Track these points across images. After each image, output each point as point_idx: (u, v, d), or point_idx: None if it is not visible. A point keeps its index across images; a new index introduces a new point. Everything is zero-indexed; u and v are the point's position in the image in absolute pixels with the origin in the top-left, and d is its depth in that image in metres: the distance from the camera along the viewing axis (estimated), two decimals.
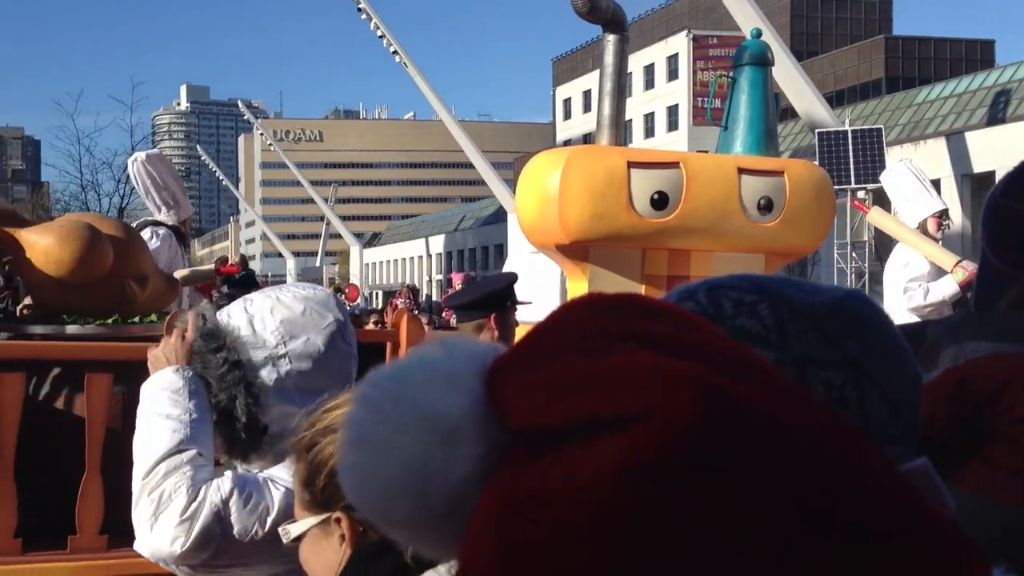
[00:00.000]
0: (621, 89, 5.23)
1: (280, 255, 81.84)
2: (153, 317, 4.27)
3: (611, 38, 5.21)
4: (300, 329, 1.92)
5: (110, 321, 4.09)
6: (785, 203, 4.99)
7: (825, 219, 5.24)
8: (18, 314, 4.49)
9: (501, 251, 52.43)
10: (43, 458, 3.90)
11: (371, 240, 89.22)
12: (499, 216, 54.10)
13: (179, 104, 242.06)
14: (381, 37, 39.48)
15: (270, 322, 1.89)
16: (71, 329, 4.04)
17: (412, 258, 77.17)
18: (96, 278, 4.08)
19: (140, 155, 6.30)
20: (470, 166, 44.94)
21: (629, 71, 5.42)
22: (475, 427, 0.66)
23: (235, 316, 1.92)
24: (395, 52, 39.50)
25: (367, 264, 78.20)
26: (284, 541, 1.54)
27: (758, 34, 5.82)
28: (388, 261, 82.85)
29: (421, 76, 40.22)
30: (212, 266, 6.56)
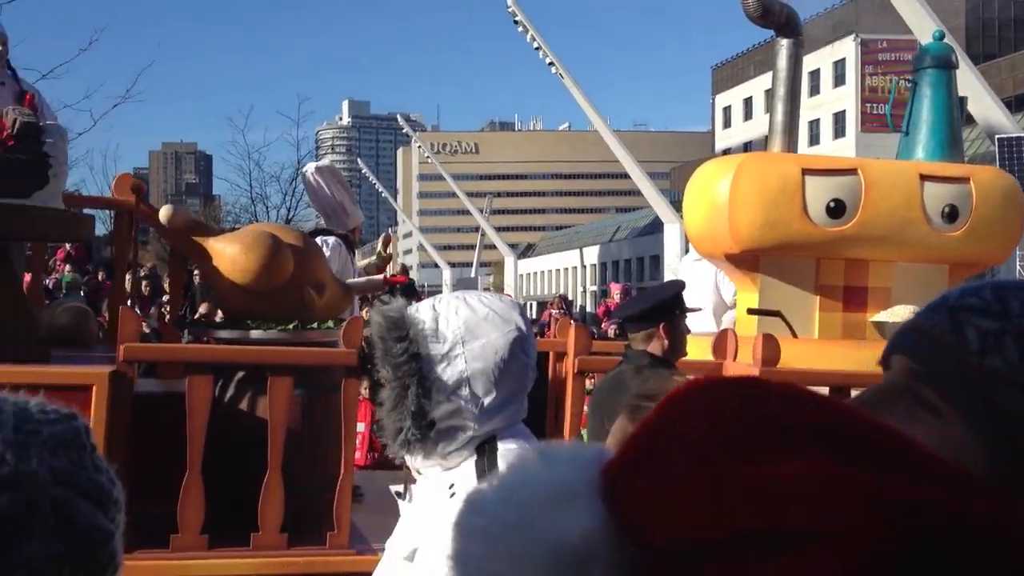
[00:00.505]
0: (795, 94, 5.08)
1: (436, 265, 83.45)
2: (330, 324, 4.40)
3: (784, 42, 5.06)
4: (481, 332, 1.94)
5: (291, 327, 4.24)
6: (971, 211, 4.74)
7: (1014, 228, 4.95)
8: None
9: (657, 262, 51.88)
10: (227, 457, 4.08)
11: (525, 251, 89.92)
12: (655, 227, 53.59)
13: (341, 119, 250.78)
14: (537, 49, 39.79)
15: (453, 321, 1.92)
16: (255, 334, 4.20)
17: (566, 269, 77.32)
18: (278, 285, 4.24)
19: (311, 166, 6.52)
20: (625, 176, 44.69)
21: None
22: (603, 551, 0.59)
23: (422, 310, 1.96)
24: (551, 64, 39.74)
25: (521, 275, 78.82)
26: None
27: (941, 36, 5.56)
28: (542, 272, 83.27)
29: (577, 87, 40.32)
30: (381, 276, 6.73)
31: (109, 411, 3.77)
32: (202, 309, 10.53)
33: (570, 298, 25.61)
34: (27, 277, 5.41)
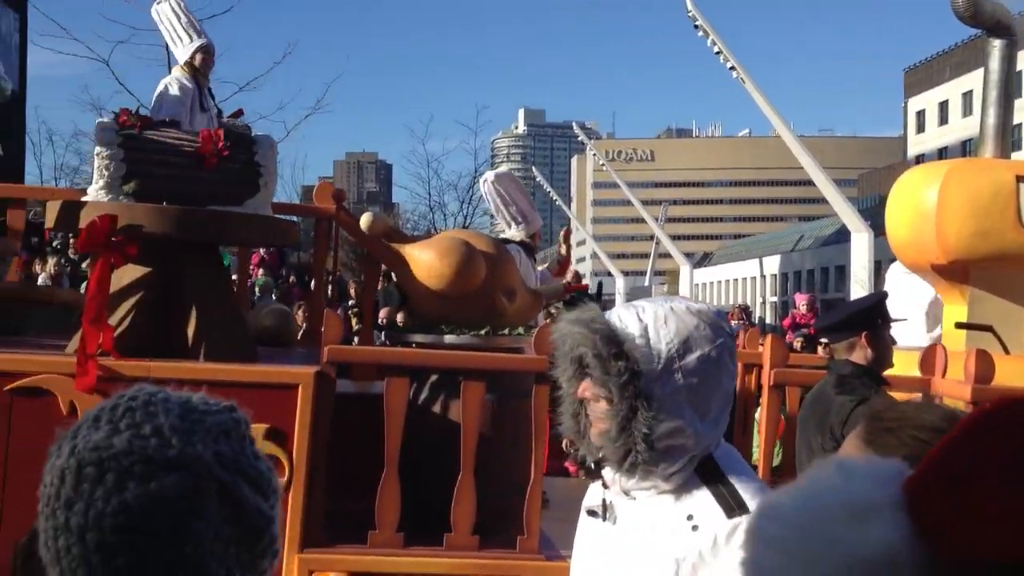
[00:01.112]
0: (1008, 97, 4.78)
1: (609, 274, 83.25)
2: (520, 330, 4.45)
3: (996, 43, 4.78)
4: (695, 343, 1.84)
5: (483, 332, 4.31)
6: None
7: None
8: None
9: (842, 273, 49.99)
10: (419, 458, 4.19)
11: (701, 260, 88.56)
12: (841, 236, 51.67)
13: (517, 127, 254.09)
14: (718, 53, 39.17)
15: (664, 333, 1.82)
16: (448, 338, 4.30)
17: (744, 279, 75.65)
18: (471, 291, 4.33)
19: (490, 174, 6.62)
20: (809, 183, 43.30)
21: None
22: (906, 563, 0.60)
23: (628, 323, 1.86)
24: (732, 68, 39.03)
25: (697, 284, 77.63)
26: None
27: None
28: (719, 282, 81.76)
29: (759, 91, 39.42)
30: (562, 283, 6.76)
31: (314, 409, 3.95)
32: (382, 314, 10.89)
33: (748, 307, 24.97)
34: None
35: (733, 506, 1.78)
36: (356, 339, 5.91)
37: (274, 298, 10.78)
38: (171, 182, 4.34)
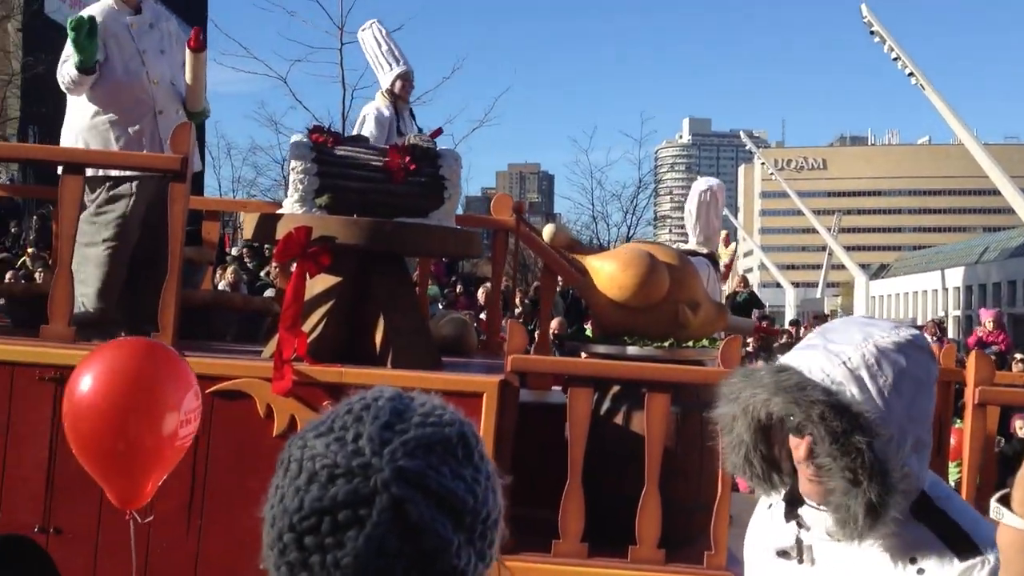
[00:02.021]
0: None
1: (778, 285, 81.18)
2: (704, 342, 4.37)
3: None
4: (912, 381, 1.63)
5: (666, 344, 4.26)
6: None
7: None
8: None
9: None
10: (601, 468, 4.17)
11: (878, 272, 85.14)
12: None
13: (681, 137, 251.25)
14: (895, 59, 37.70)
15: (883, 382, 1.62)
16: (631, 350, 4.26)
17: (925, 291, 72.26)
18: (654, 303, 4.28)
19: (704, 182, 6.52)
20: (994, 193, 41.10)
21: None
22: None
23: (842, 379, 1.67)
24: (911, 74, 37.49)
25: (873, 297, 74.68)
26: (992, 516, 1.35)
27: None
28: (898, 294, 78.34)
29: (940, 97, 37.69)
30: (753, 321, 6.53)
31: (498, 418, 3.99)
32: (553, 325, 10.93)
33: (943, 322, 23.80)
34: None
35: (963, 546, 1.63)
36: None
37: (441, 307, 11.01)
38: (361, 195, 4.48)
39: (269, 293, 11.17)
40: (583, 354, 4.77)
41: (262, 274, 13.91)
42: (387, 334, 4.41)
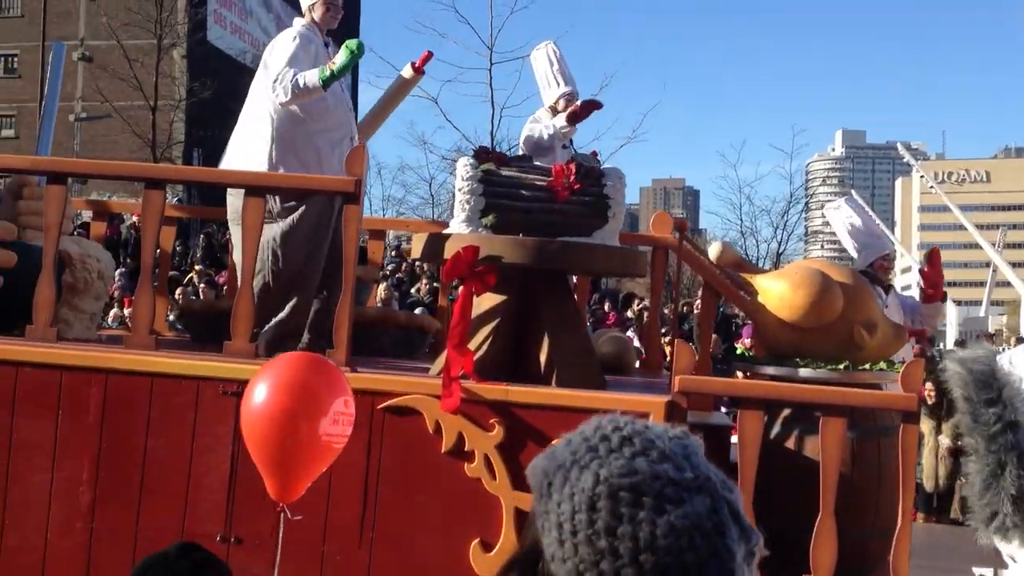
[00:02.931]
0: None
1: None
2: (882, 365, 4.21)
3: None
4: None
5: (841, 366, 4.12)
6: None
7: None
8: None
9: None
10: (771, 492, 4.05)
11: None
12: None
13: (833, 150, 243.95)
14: None
15: None
16: (804, 372, 4.14)
17: None
18: (827, 323, 4.15)
19: (841, 201, 6.33)
20: None
21: None
22: None
23: (1018, 366, 1.64)
24: None
25: None
26: None
27: None
28: None
29: None
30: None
31: None
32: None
33: None
34: None
35: None
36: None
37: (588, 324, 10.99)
38: (526, 215, 4.52)
39: (418, 310, 11.42)
40: (739, 373, 4.67)
41: (412, 291, 14.23)
42: (552, 353, 4.42)
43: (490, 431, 4.06)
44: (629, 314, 14.33)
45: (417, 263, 15.94)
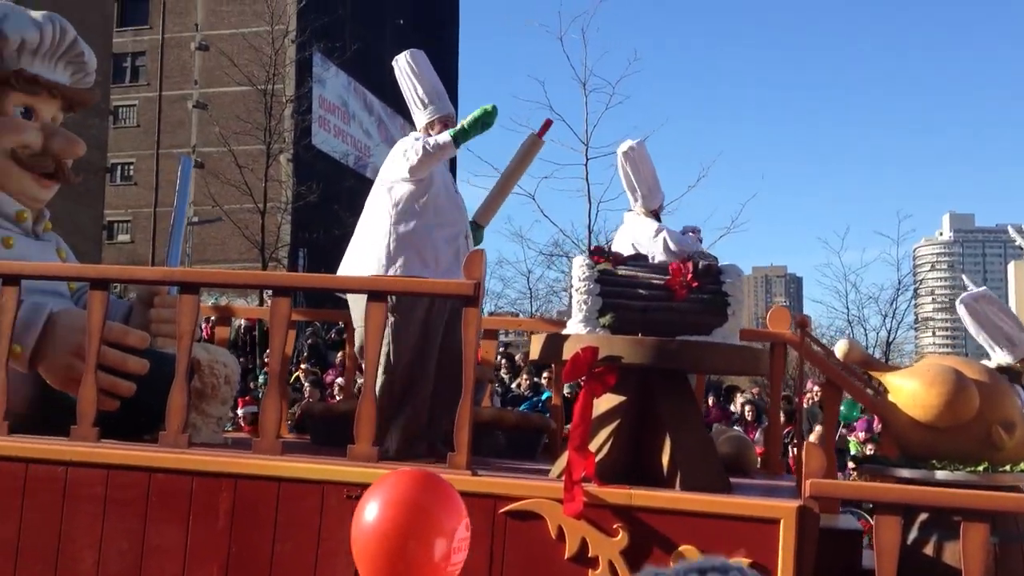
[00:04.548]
0: None
1: None
2: (1022, 466, 4.02)
3: None
4: None
5: (980, 468, 3.95)
6: None
7: None
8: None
9: None
10: None
11: None
12: None
13: (941, 234, 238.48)
14: None
15: None
16: (940, 475, 3.98)
17: None
18: (963, 423, 4.00)
19: (970, 295, 6.16)
20: None
21: None
22: None
23: None
24: None
25: None
26: None
27: None
28: None
29: None
30: None
31: (797, 545, 3.80)
32: (812, 438, 10.43)
33: None
34: None
35: None
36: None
37: None
38: (643, 313, 4.50)
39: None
40: (852, 475, 4.51)
41: (513, 386, 14.22)
42: (674, 454, 4.34)
43: (614, 536, 3.98)
44: (732, 408, 14.05)
45: (519, 359, 15.97)
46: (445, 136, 4.86)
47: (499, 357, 16.67)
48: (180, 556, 4.16)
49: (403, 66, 5.20)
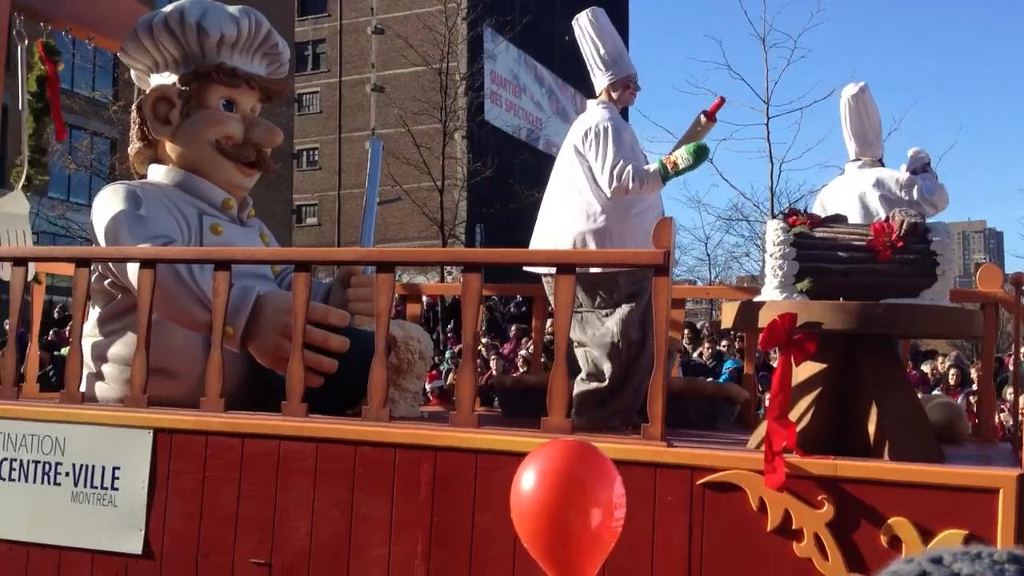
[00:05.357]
0: None
1: None
2: None
3: None
4: None
5: None
6: None
7: None
8: None
9: None
10: None
11: None
12: None
13: None
14: None
15: None
16: None
17: None
18: None
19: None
20: None
21: None
22: None
23: None
24: None
25: None
26: None
27: None
28: None
29: None
30: None
31: (1018, 517, 3.56)
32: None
33: None
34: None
35: None
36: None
37: None
38: (844, 277, 4.31)
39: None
40: None
41: (694, 355, 13.99)
42: (881, 422, 4.15)
43: (819, 508, 3.84)
44: (926, 370, 13.33)
45: (704, 327, 15.71)
46: (657, 179, 4.79)
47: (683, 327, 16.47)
48: (386, 525, 4.29)
49: (584, 24, 5.10)
